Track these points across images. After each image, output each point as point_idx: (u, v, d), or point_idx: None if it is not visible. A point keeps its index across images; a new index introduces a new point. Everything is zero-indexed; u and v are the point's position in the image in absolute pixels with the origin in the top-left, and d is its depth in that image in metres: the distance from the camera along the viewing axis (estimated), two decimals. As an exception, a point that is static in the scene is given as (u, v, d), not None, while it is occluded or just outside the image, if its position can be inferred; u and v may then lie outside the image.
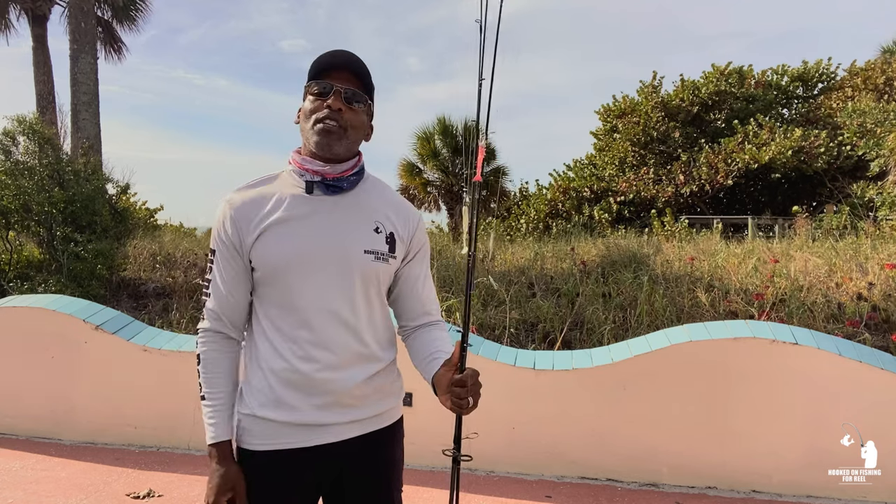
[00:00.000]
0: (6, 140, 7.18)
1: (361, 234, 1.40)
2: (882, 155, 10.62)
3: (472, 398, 1.31)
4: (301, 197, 1.39)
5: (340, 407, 1.39)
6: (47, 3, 14.44)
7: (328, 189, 1.39)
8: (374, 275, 1.40)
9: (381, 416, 1.47)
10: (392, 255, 1.44)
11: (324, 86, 1.36)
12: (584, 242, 8.29)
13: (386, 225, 1.44)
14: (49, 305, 4.17)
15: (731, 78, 15.94)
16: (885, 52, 18.39)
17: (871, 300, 4.98)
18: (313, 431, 1.37)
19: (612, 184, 15.07)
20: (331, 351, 1.36)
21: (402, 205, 1.52)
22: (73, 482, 3.44)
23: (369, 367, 1.42)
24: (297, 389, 1.35)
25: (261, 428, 1.37)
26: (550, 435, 3.58)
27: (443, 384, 1.35)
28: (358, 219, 1.41)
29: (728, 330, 3.45)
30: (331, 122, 1.35)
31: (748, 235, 11.18)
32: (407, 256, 1.50)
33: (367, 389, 1.42)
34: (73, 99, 11.40)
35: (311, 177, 1.38)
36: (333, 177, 1.39)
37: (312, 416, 1.36)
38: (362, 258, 1.38)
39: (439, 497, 3.31)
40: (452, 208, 13.68)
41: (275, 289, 1.36)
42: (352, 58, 1.39)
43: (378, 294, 1.45)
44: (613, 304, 5.36)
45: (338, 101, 1.35)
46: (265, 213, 1.37)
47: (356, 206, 1.42)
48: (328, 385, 1.36)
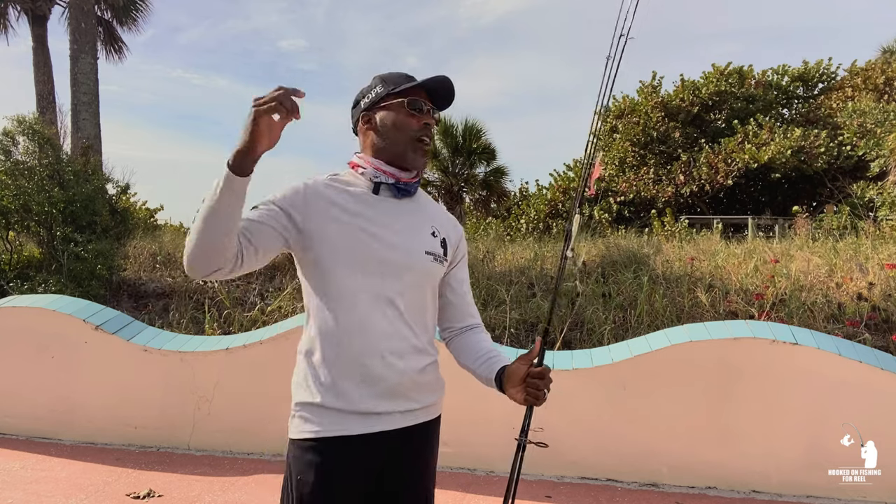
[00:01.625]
0: (6, 140, 7.19)
1: (423, 236, 1.50)
2: (882, 155, 10.63)
3: (546, 390, 1.42)
4: (369, 195, 1.46)
5: (395, 397, 1.44)
6: (47, 3, 14.44)
7: (398, 192, 1.48)
8: (431, 274, 1.51)
9: (428, 409, 1.53)
10: (445, 258, 1.54)
11: (420, 102, 1.46)
12: (584, 242, 8.29)
13: (440, 229, 1.55)
14: (49, 305, 4.17)
15: (731, 78, 15.94)
16: (885, 52, 18.40)
17: (871, 300, 4.98)
18: (369, 419, 1.41)
19: (612, 184, 15.07)
20: (390, 342, 1.42)
21: (447, 214, 1.65)
22: (73, 482, 3.44)
23: (422, 360, 1.49)
24: (357, 379, 1.40)
25: (319, 416, 1.40)
26: (550, 435, 3.58)
27: (516, 377, 1.44)
28: (419, 222, 1.52)
29: (728, 330, 3.45)
30: (427, 144, 1.48)
31: (748, 235, 11.18)
32: (453, 262, 1.60)
33: (421, 380, 1.48)
34: (73, 99, 11.41)
35: (386, 178, 1.46)
36: (406, 181, 1.49)
37: (369, 405, 1.40)
38: (424, 258, 1.48)
39: (439, 497, 3.30)
40: (452, 208, 13.67)
41: (338, 281, 1.40)
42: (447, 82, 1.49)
43: (433, 292, 1.54)
44: (613, 304, 5.36)
45: (431, 118, 1.48)
46: (339, 204, 1.42)
47: (417, 210, 1.53)
48: (387, 374, 1.41)
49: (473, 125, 13.45)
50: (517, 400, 1.44)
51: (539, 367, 1.44)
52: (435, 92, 1.49)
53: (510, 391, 1.45)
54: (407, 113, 1.46)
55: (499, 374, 1.48)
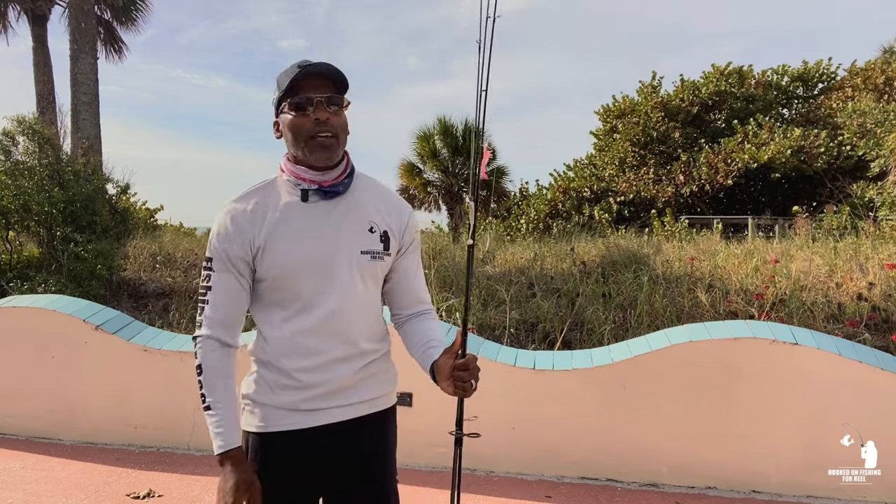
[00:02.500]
0: (6, 140, 7.19)
1: (358, 236, 1.46)
2: (882, 155, 10.63)
3: (473, 381, 1.39)
4: (298, 204, 1.44)
5: (335, 394, 1.46)
6: (47, 3, 14.44)
7: (325, 195, 1.44)
8: (371, 273, 1.48)
9: (374, 401, 1.53)
10: (387, 253, 1.51)
11: (303, 99, 1.38)
12: (584, 242, 8.29)
13: (379, 223, 1.50)
14: (49, 305, 4.17)
15: (731, 78, 15.94)
16: (885, 52, 18.41)
17: (871, 300, 4.98)
18: (309, 415, 1.44)
19: (612, 184, 15.06)
20: (332, 348, 1.43)
21: (393, 201, 1.57)
22: (73, 482, 3.44)
23: (365, 359, 1.50)
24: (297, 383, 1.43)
25: (263, 412, 1.44)
26: (550, 435, 3.58)
27: (444, 371, 1.42)
28: (353, 221, 1.47)
29: (728, 330, 3.45)
30: (324, 136, 1.39)
31: (748, 235, 11.18)
32: (400, 250, 1.56)
33: (362, 375, 1.49)
34: (73, 99, 11.40)
35: (308, 185, 1.43)
36: (329, 183, 1.44)
37: (308, 404, 1.43)
38: (360, 258, 1.45)
39: (439, 497, 3.31)
40: (452, 208, 13.68)
41: (279, 293, 1.43)
42: (322, 65, 1.41)
43: (376, 290, 1.53)
44: (613, 304, 5.36)
45: (322, 111, 1.38)
46: (266, 224, 1.41)
47: (351, 208, 1.48)
48: (327, 378, 1.44)
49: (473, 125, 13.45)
50: (448, 392, 1.43)
51: (463, 358, 1.41)
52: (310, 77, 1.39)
53: (442, 384, 1.44)
54: (296, 114, 1.40)
55: (432, 367, 1.47)
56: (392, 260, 1.54)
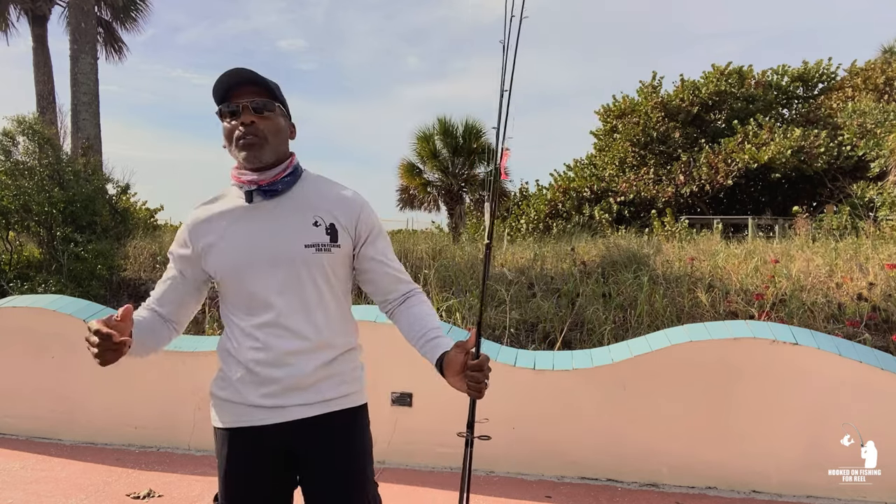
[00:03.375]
0: (6, 140, 7.19)
1: (300, 230, 1.50)
2: (882, 155, 10.63)
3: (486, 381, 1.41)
4: (243, 207, 1.52)
5: (292, 391, 1.49)
6: (47, 3, 14.44)
7: (266, 194, 1.50)
8: (318, 265, 1.50)
9: (337, 400, 1.55)
10: (335, 244, 1.52)
11: (229, 106, 1.48)
12: (584, 243, 8.29)
13: (325, 217, 1.53)
14: (49, 305, 4.17)
15: (731, 78, 15.95)
16: (885, 52, 18.40)
17: (871, 300, 4.98)
18: (270, 412, 1.49)
19: (612, 184, 15.07)
20: (285, 342, 1.48)
21: (340, 196, 1.59)
22: (73, 482, 3.44)
23: (323, 355, 1.52)
24: (256, 377, 1.49)
25: (227, 407, 1.53)
26: (550, 435, 3.58)
27: (455, 366, 1.42)
28: (296, 217, 1.51)
29: (728, 330, 3.45)
30: (249, 138, 1.46)
31: (748, 235, 11.18)
32: (357, 242, 1.58)
33: (322, 374, 1.52)
34: (73, 99, 11.40)
35: (249, 186, 1.50)
36: (268, 182, 1.50)
37: (268, 400, 1.49)
38: (303, 252, 1.49)
39: (439, 497, 3.30)
40: (452, 208, 13.66)
41: (230, 290, 1.53)
42: (244, 72, 1.48)
43: (328, 283, 1.53)
44: (613, 304, 5.36)
45: (248, 115, 1.47)
46: (214, 227, 1.53)
47: (294, 205, 1.53)
48: (284, 373, 1.48)
49: (473, 125, 13.45)
50: (459, 389, 1.43)
51: (476, 358, 1.42)
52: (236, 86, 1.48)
53: (450, 380, 1.44)
54: (227, 120, 1.50)
55: (440, 360, 1.47)
56: (347, 251, 1.56)
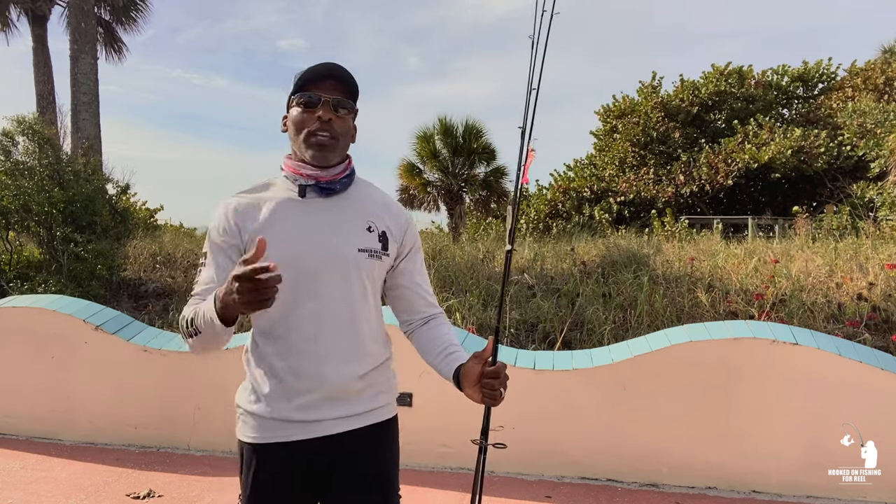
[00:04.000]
0: (6, 140, 7.18)
1: (355, 234, 1.44)
2: (882, 155, 10.63)
3: (502, 389, 1.36)
4: (295, 200, 1.43)
5: (331, 402, 1.42)
6: (47, 3, 14.44)
7: (322, 192, 1.43)
8: (368, 272, 1.45)
9: (374, 412, 1.48)
10: (385, 253, 1.48)
11: (312, 96, 1.40)
12: (584, 242, 8.29)
13: (377, 224, 1.48)
14: (49, 305, 4.17)
15: (731, 78, 15.95)
16: (885, 52, 18.39)
17: (871, 300, 4.98)
18: (300, 427, 1.41)
19: (612, 184, 15.08)
20: (327, 348, 1.40)
21: (391, 204, 1.56)
22: (73, 482, 3.44)
23: (364, 364, 1.45)
24: (291, 386, 1.40)
25: (253, 422, 1.43)
26: (550, 435, 3.58)
27: (472, 376, 1.38)
28: (351, 219, 1.45)
29: (728, 330, 3.45)
30: (323, 136, 1.39)
31: (748, 235, 11.18)
32: (401, 254, 1.54)
33: (362, 385, 1.45)
34: (73, 99, 11.40)
35: (305, 181, 1.43)
36: (327, 180, 1.43)
37: (302, 413, 1.40)
38: (356, 256, 1.42)
39: (439, 497, 3.30)
40: (452, 208, 13.64)
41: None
42: (336, 67, 1.42)
43: (373, 292, 1.48)
44: (613, 304, 5.36)
45: (328, 111, 1.40)
46: (262, 217, 1.41)
47: (348, 207, 1.47)
48: (321, 382, 1.40)
49: (473, 125, 13.43)
50: (475, 400, 1.39)
51: (493, 366, 1.38)
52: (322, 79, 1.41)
53: (467, 391, 1.40)
54: (300, 111, 1.41)
55: (456, 372, 1.43)
56: (391, 262, 1.51)
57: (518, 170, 1.62)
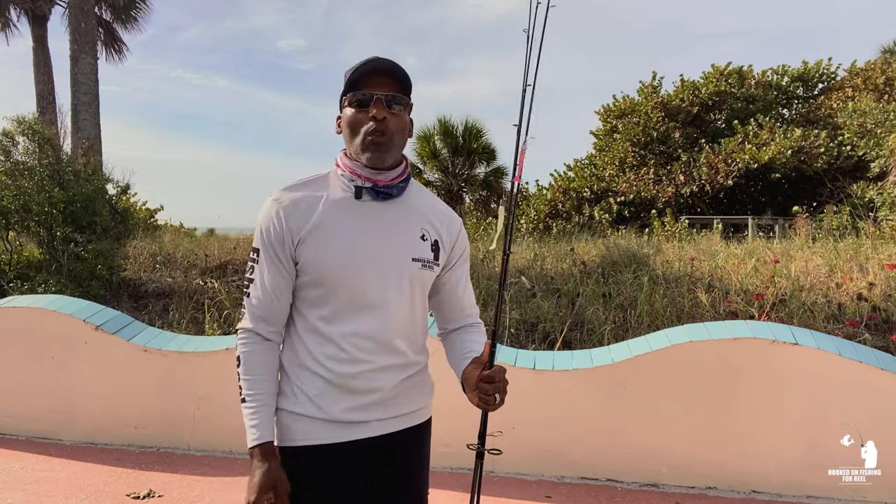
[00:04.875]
0: (6, 140, 7.18)
1: (410, 242, 1.42)
2: (882, 155, 10.63)
3: (498, 395, 1.34)
4: (351, 201, 1.39)
5: (377, 405, 1.41)
6: (47, 3, 14.45)
7: (378, 195, 1.40)
8: (420, 282, 1.43)
9: (414, 414, 1.49)
10: (436, 263, 1.46)
11: (364, 95, 1.35)
12: (584, 242, 8.29)
13: (431, 232, 1.46)
14: (49, 305, 4.17)
15: (731, 78, 15.94)
16: (885, 52, 18.40)
17: (871, 300, 4.98)
18: (350, 428, 1.39)
19: (613, 184, 15.07)
20: (375, 354, 1.38)
21: (445, 211, 1.54)
22: (73, 482, 3.44)
23: (408, 369, 1.45)
24: (339, 390, 1.38)
25: (301, 425, 1.38)
26: (550, 435, 3.58)
27: (471, 381, 1.38)
28: (406, 226, 1.43)
29: (728, 330, 3.45)
30: (379, 137, 1.35)
31: (748, 235, 11.18)
32: (449, 263, 1.52)
33: (404, 387, 1.45)
34: (73, 99, 11.40)
35: (363, 183, 1.39)
36: (385, 184, 1.40)
37: (350, 414, 1.38)
38: (411, 266, 1.40)
39: (439, 497, 3.30)
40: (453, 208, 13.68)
41: (321, 293, 1.37)
42: (386, 61, 1.37)
43: (422, 300, 1.47)
44: (613, 304, 5.36)
45: (381, 109, 1.35)
46: (316, 215, 1.36)
47: (404, 213, 1.44)
48: (370, 386, 1.39)
49: (473, 125, 13.45)
50: (473, 404, 1.38)
51: (489, 370, 1.35)
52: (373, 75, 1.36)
53: (468, 394, 1.40)
54: (354, 111, 1.37)
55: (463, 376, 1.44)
56: (441, 271, 1.50)
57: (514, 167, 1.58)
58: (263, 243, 1.38)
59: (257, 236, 1.39)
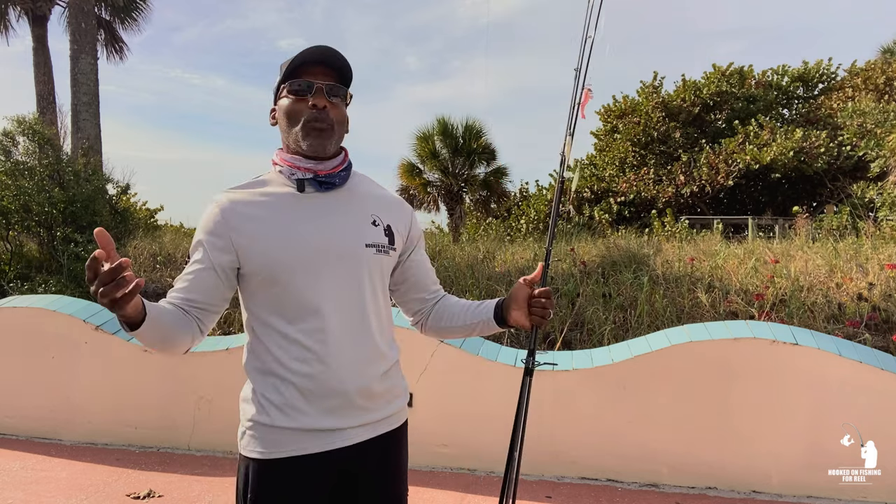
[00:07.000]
0: (6, 140, 7.19)
1: (360, 229, 1.38)
2: (882, 155, 10.62)
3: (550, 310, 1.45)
4: (294, 195, 1.35)
5: (353, 409, 1.35)
6: (47, 3, 14.44)
7: (321, 186, 1.35)
8: (377, 268, 1.39)
9: (391, 418, 1.44)
10: (392, 248, 1.42)
11: (303, 84, 1.31)
12: (584, 242, 8.29)
13: (382, 217, 1.43)
14: (49, 305, 4.17)
15: (731, 78, 15.96)
16: (885, 52, 18.39)
17: (871, 300, 4.98)
18: (326, 436, 1.33)
19: (613, 184, 15.08)
20: (341, 350, 1.32)
21: (393, 199, 1.51)
22: (73, 482, 3.44)
23: (380, 365, 1.39)
24: (308, 393, 1.31)
25: (273, 436, 1.32)
26: (550, 435, 3.58)
27: (520, 298, 1.46)
28: (354, 214, 1.39)
29: (728, 330, 3.45)
30: (320, 123, 1.31)
31: (748, 236, 11.18)
32: (408, 248, 1.52)
33: (380, 389, 1.39)
34: (74, 99, 11.40)
35: (303, 174, 1.34)
36: (326, 173, 1.36)
37: (324, 422, 1.32)
38: (365, 252, 1.36)
39: (439, 497, 3.30)
40: (452, 208, 13.65)
41: (276, 291, 1.31)
42: (328, 50, 1.33)
43: (383, 289, 1.42)
44: (613, 304, 5.36)
45: (321, 98, 1.32)
46: (257, 215, 1.32)
47: (350, 201, 1.40)
48: (340, 386, 1.32)
49: (473, 125, 13.44)
50: (520, 323, 1.46)
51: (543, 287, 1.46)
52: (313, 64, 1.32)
53: (514, 314, 1.46)
54: (293, 98, 1.33)
55: (498, 306, 1.50)
56: (397, 257, 1.47)
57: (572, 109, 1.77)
58: (201, 245, 1.32)
59: (195, 240, 1.34)
